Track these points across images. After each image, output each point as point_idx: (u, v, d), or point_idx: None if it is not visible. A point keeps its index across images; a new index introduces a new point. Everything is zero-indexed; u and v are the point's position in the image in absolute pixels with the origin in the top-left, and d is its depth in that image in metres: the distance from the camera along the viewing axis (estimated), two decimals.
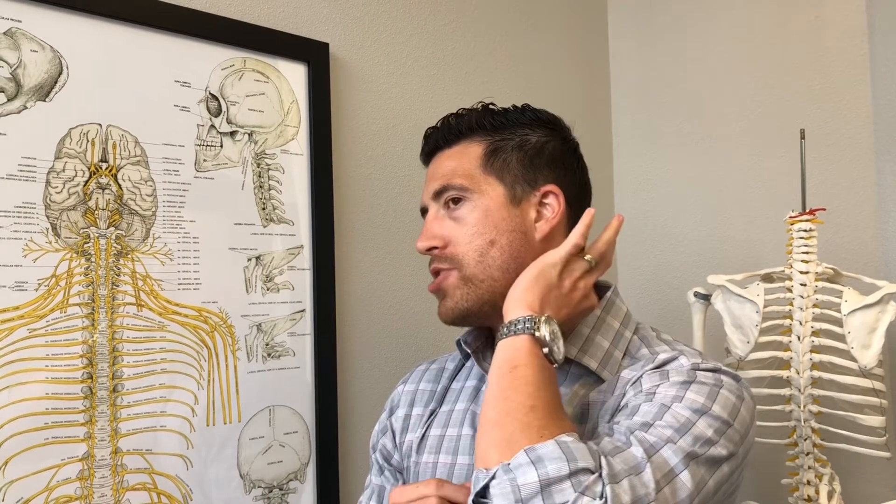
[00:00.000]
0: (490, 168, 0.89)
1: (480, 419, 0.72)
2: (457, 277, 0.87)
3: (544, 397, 0.71)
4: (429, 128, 0.96)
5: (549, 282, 0.81)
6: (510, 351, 0.74)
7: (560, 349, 0.76)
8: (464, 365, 0.96)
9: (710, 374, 0.79)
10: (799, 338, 1.22)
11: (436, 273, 0.89)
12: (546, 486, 0.62)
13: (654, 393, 0.76)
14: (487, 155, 0.89)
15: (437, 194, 0.90)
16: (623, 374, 0.83)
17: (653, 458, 0.67)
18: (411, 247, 1.41)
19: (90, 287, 1.02)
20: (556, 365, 0.75)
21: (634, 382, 0.80)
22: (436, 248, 0.88)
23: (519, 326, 0.76)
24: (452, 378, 0.96)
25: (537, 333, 0.75)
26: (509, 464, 0.64)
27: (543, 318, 0.76)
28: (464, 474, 0.85)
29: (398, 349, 1.38)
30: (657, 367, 0.80)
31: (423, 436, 0.92)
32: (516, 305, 0.79)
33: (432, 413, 0.94)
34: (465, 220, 0.87)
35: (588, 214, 0.87)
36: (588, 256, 0.85)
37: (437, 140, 0.94)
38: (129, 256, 1.05)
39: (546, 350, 0.74)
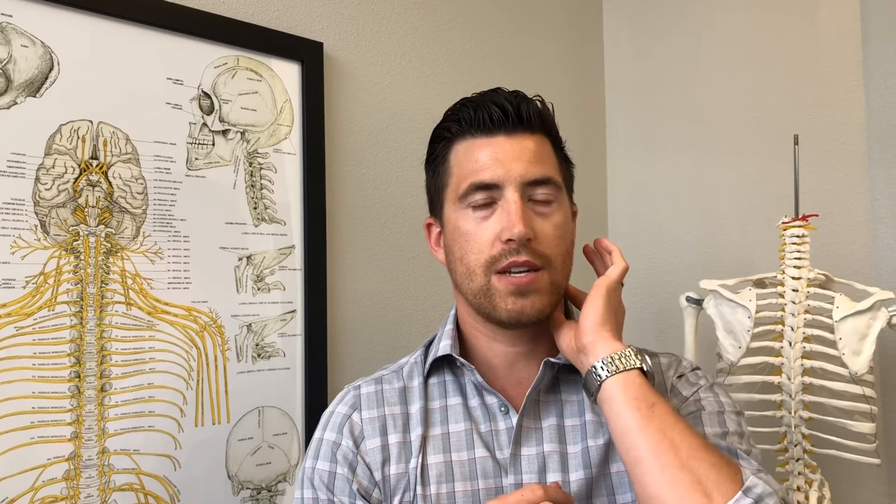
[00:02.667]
0: (563, 174, 0.86)
1: (644, 469, 0.68)
2: (548, 280, 0.80)
3: (693, 430, 0.71)
4: (492, 92, 0.84)
5: (615, 307, 0.82)
6: (633, 388, 0.73)
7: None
8: (426, 381, 0.88)
9: (700, 371, 0.87)
10: (790, 343, 1.22)
11: (526, 265, 0.79)
12: None
13: (700, 400, 0.82)
14: (560, 159, 0.86)
15: (534, 183, 0.80)
16: None
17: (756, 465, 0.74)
18: (404, 247, 1.42)
19: (79, 285, 1.01)
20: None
21: (671, 390, 0.84)
22: (530, 239, 0.79)
23: (627, 362, 0.75)
24: (424, 397, 0.86)
25: (646, 368, 0.75)
26: None
27: (638, 350, 0.77)
28: (493, 499, 0.79)
29: (390, 351, 1.38)
30: (679, 374, 0.86)
31: (423, 465, 0.82)
32: (602, 337, 0.77)
33: (423, 438, 0.83)
34: (553, 221, 0.82)
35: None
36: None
37: (521, 116, 0.82)
38: (119, 255, 1.04)
39: (650, 381, 0.75)
